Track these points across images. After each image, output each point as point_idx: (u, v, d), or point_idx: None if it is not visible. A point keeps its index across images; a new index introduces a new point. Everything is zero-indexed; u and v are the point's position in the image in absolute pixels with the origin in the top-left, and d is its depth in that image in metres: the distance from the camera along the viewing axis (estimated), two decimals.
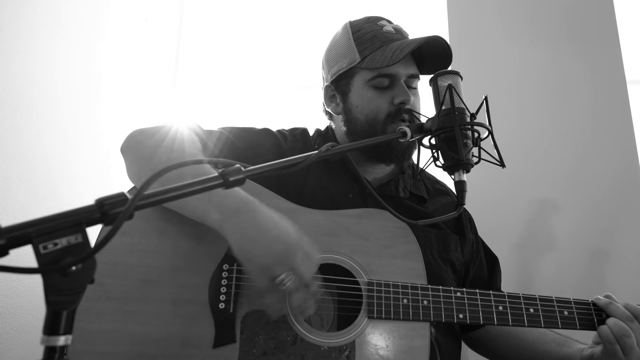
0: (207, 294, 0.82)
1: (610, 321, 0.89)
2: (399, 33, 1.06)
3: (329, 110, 1.14)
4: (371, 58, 1.02)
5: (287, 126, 1.19)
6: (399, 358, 0.84)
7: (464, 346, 1.16)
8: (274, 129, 1.12)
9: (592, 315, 0.92)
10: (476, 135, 0.86)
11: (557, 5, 1.91)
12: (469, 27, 1.89)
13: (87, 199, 1.37)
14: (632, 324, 0.87)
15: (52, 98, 1.43)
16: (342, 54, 1.08)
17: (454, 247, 1.09)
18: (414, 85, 1.06)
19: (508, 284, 1.59)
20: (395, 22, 1.11)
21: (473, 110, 0.89)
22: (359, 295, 0.87)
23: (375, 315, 0.86)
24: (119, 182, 1.65)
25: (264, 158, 0.98)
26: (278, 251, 0.73)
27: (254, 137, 1.06)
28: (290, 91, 2.10)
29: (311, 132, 1.18)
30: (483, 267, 1.16)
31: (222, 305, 0.82)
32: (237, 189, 0.79)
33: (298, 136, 1.12)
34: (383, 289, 0.88)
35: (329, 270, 0.89)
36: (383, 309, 0.86)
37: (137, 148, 0.91)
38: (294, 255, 0.73)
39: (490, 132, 0.87)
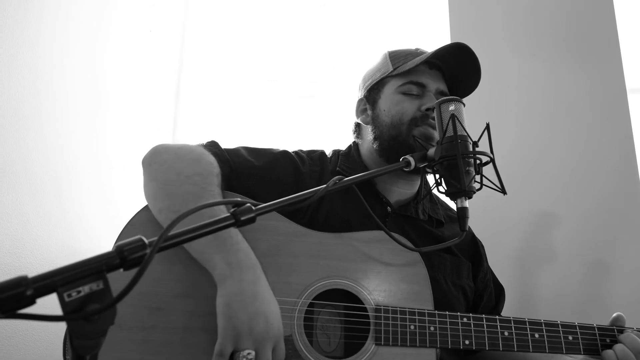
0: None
1: (618, 348, 0.90)
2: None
3: (359, 121, 1.16)
4: (402, 67, 1.07)
5: (300, 143, 1.20)
6: None
7: None
8: (292, 151, 1.13)
9: (596, 340, 0.94)
10: (478, 162, 0.89)
11: (558, 15, 1.92)
12: (471, 40, 1.91)
13: (95, 218, 1.39)
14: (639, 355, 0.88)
15: (59, 116, 1.44)
16: (377, 69, 1.14)
17: (466, 274, 1.11)
18: None
19: (508, 295, 1.61)
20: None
21: (475, 137, 0.91)
22: (366, 321, 0.89)
23: (382, 342, 0.87)
24: (124, 199, 1.67)
25: (281, 181, 1.02)
26: (258, 327, 0.76)
27: (273, 159, 1.06)
28: (292, 100, 2.13)
29: (328, 154, 1.17)
30: (492, 296, 1.19)
31: None
32: (251, 251, 0.83)
33: (316, 159, 1.12)
34: (390, 315, 0.89)
35: (336, 295, 0.91)
36: (390, 335, 0.87)
37: (159, 169, 0.92)
38: (268, 341, 0.76)
39: (492, 160, 0.89)
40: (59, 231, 1.40)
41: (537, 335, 0.92)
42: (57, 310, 0.45)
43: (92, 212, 1.56)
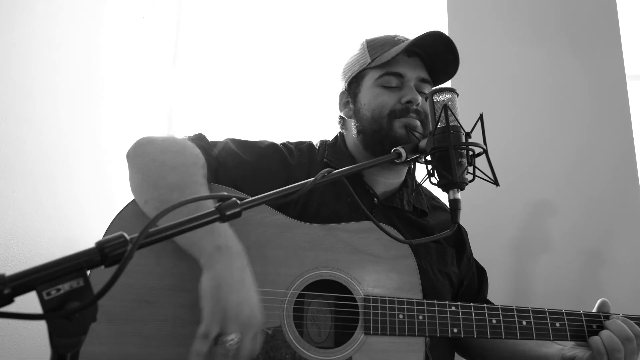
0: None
1: (605, 334, 0.91)
2: (408, 40, 1.08)
3: (342, 114, 1.16)
4: (379, 58, 1.06)
5: (290, 131, 1.19)
6: None
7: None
8: (279, 142, 1.12)
9: (583, 326, 0.95)
10: (471, 153, 0.88)
11: (557, 1, 1.90)
12: (468, 32, 1.88)
13: (89, 210, 1.38)
14: (627, 342, 0.89)
15: (53, 107, 1.43)
16: (356, 60, 1.13)
17: (450, 260, 1.12)
18: (424, 90, 1.08)
19: (503, 286, 1.61)
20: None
21: (468, 127, 0.90)
22: (355, 311, 0.89)
23: (371, 331, 0.88)
24: (120, 191, 1.67)
25: (270, 173, 1.02)
26: (244, 314, 0.76)
27: (261, 152, 1.06)
28: (290, 88, 2.11)
29: (316, 144, 1.17)
30: (474, 279, 1.20)
31: None
32: (240, 244, 0.83)
33: (304, 151, 1.12)
34: (379, 304, 0.89)
35: (326, 285, 0.91)
36: (379, 325, 0.88)
37: (143, 161, 0.92)
38: (252, 328, 0.76)
39: (485, 151, 0.89)
40: (53, 222, 1.40)
41: (524, 323, 0.93)
42: (39, 309, 0.45)
43: (86, 203, 1.55)
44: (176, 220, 0.57)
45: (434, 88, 0.91)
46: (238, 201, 0.61)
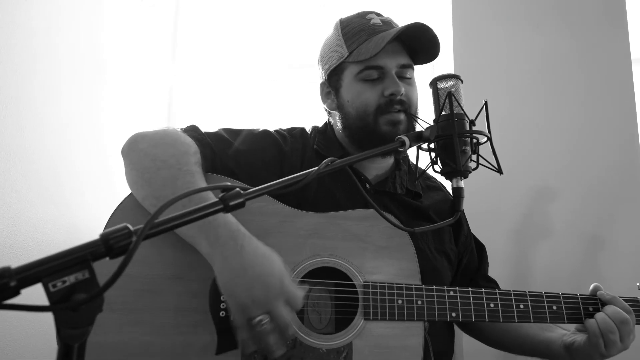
0: (208, 302, 0.85)
1: (599, 316, 0.93)
2: (386, 24, 1.06)
3: (325, 106, 1.15)
4: (357, 51, 1.03)
5: (285, 118, 1.19)
6: (394, 357, 0.88)
7: (457, 331, 1.21)
8: (272, 130, 1.12)
9: (579, 309, 0.96)
10: (475, 141, 0.88)
11: None
12: (472, 11, 1.85)
13: (91, 196, 1.39)
14: (622, 325, 0.91)
15: (55, 92, 1.42)
16: (333, 50, 1.09)
17: (448, 239, 1.13)
18: (407, 76, 1.06)
19: (504, 270, 1.63)
20: (386, 15, 1.11)
21: (473, 114, 0.89)
22: (355, 297, 0.91)
23: (371, 317, 0.89)
24: (121, 178, 1.67)
25: (265, 161, 1.02)
26: (258, 293, 0.74)
27: (254, 139, 1.06)
28: (288, 72, 2.10)
29: (308, 130, 1.18)
30: (474, 256, 1.21)
31: (222, 314, 0.85)
32: (231, 219, 0.81)
33: (297, 136, 1.12)
34: (378, 290, 0.91)
35: (326, 273, 0.92)
36: (379, 310, 0.89)
37: (137, 157, 0.92)
38: (274, 300, 0.74)
39: (489, 139, 0.89)
40: (55, 209, 1.41)
41: (522, 306, 0.94)
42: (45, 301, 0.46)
43: (88, 187, 1.56)
44: (180, 212, 0.57)
45: (438, 75, 0.90)
46: (241, 191, 0.62)
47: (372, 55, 0.99)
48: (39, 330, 1.30)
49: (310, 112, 2.00)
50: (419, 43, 1.05)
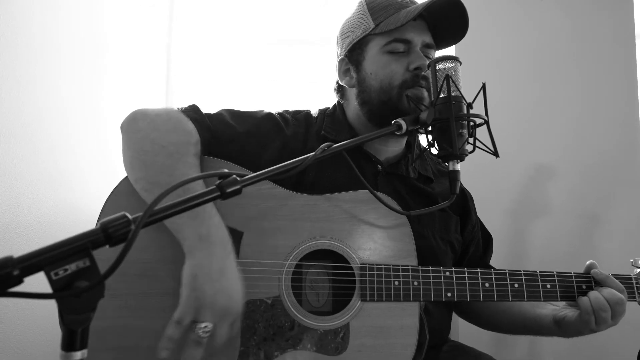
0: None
1: (592, 294, 0.95)
2: (412, 2, 1.05)
3: (343, 84, 1.13)
4: (385, 23, 1.02)
5: (290, 103, 1.17)
6: (390, 337, 0.90)
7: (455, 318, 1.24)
8: (276, 112, 1.10)
9: (573, 287, 0.98)
10: (472, 124, 0.88)
11: None
12: None
13: (91, 173, 1.38)
14: (616, 305, 0.93)
15: (53, 71, 1.41)
16: (357, 24, 1.07)
17: (454, 228, 1.13)
18: (430, 56, 1.06)
19: (501, 249, 1.64)
20: None
21: (470, 95, 0.89)
22: (352, 279, 0.92)
23: (367, 298, 0.91)
24: (119, 156, 1.67)
25: (265, 145, 1.01)
26: (221, 302, 0.77)
27: (256, 123, 1.04)
28: (288, 48, 2.08)
29: (314, 113, 1.15)
30: (479, 245, 1.22)
31: None
32: (224, 229, 0.83)
33: (301, 120, 1.10)
34: (375, 272, 0.92)
35: (323, 255, 0.94)
36: (375, 292, 0.91)
37: (135, 137, 0.91)
38: (228, 316, 0.77)
39: (486, 122, 0.89)
40: (55, 188, 1.41)
41: (516, 285, 0.96)
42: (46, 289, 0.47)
43: (87, 167, 1.56)
44: (178, 199, 0.58)
45: (436, 56, 0.89)
46: (238, 178, 0.62)
47: (402, 24, 0.97)
48: (46, 313, 1.33)
49: (311, 80, 2.00)
50: (445, 22, 1.03)
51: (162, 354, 0.76)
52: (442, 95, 0.87)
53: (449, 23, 1.04)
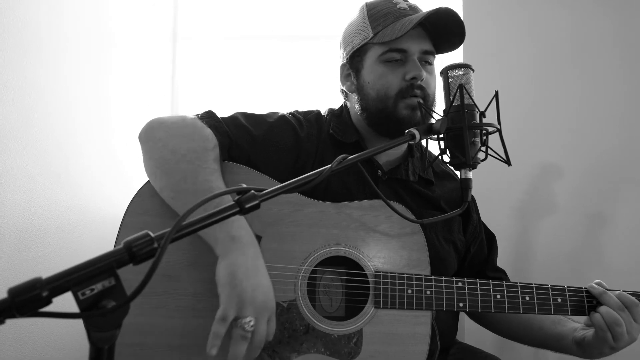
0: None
1: (603, 309, 0.93)
2: (413, 10, 1.06)
3: (344, 88, 1.15)
4: (382, 33, 1.03)
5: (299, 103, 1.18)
6: (402, 344, 0.91)
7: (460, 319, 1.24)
8: (287, 113, 1.12)
9: (583, 302, 0.98)
10: (484, 132, 0.88)
11: None
12: None
13: (100, 174, 1.39)
14: (623, 313, 0.92)
15: (60, 74, 1.41)
16: (357, 31, 1.09)
17: (457, 228, 1.14)
18: (429, 61, 1.07)
19: (507, 248, 1.64)
20: (411, 0, 1.12)
21: (483, 102, 0.89)
22: (366, 286, 0.93)
23: (381, 305, 0.92)
24: (127, 157, 1.68)
25: (281, 148, 1.03)
26: (260, 297, 0.80)
27: (271, 126, 1.06)
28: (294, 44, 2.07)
29: (324, 112, 1.17)
30: (483, 246, 1.22)
31: None
32: (250, 229, 0.87)
33: (313, 121, 1.12)
34: (389, 280, 0.93)
35: (338, 262, 0.95)
36: (389, 299, 0.92)
37: (155, 147, 0.94)
38: (266, 311, 0.81)
39: (499, 130, 0.89)
40: (66, 191, 1.43)
41: (527, 298, 0.96)
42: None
43: (97, 168, 1.57)
44: (199, 215, 0.59)
45: (449, 64, 0.89)
46: (256, 193, 0.63)
47: (397, 36, 0.99)
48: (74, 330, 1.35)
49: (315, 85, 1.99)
50: (444, 30, 1.04)
51: (212, 351, 0.77)
52: (455, 104, 0.87)
53: (447, 30, 1.04)
